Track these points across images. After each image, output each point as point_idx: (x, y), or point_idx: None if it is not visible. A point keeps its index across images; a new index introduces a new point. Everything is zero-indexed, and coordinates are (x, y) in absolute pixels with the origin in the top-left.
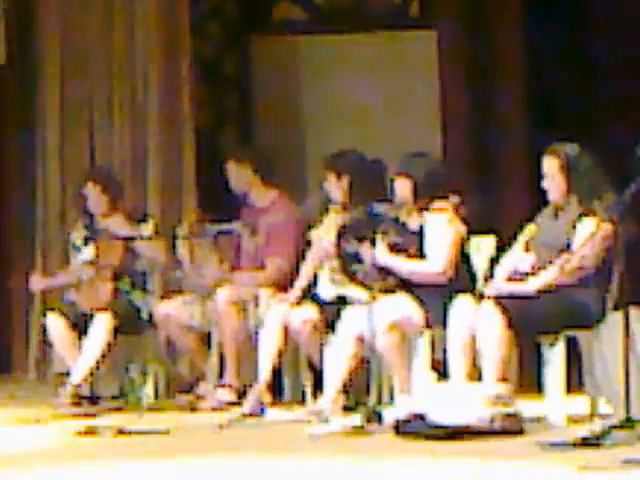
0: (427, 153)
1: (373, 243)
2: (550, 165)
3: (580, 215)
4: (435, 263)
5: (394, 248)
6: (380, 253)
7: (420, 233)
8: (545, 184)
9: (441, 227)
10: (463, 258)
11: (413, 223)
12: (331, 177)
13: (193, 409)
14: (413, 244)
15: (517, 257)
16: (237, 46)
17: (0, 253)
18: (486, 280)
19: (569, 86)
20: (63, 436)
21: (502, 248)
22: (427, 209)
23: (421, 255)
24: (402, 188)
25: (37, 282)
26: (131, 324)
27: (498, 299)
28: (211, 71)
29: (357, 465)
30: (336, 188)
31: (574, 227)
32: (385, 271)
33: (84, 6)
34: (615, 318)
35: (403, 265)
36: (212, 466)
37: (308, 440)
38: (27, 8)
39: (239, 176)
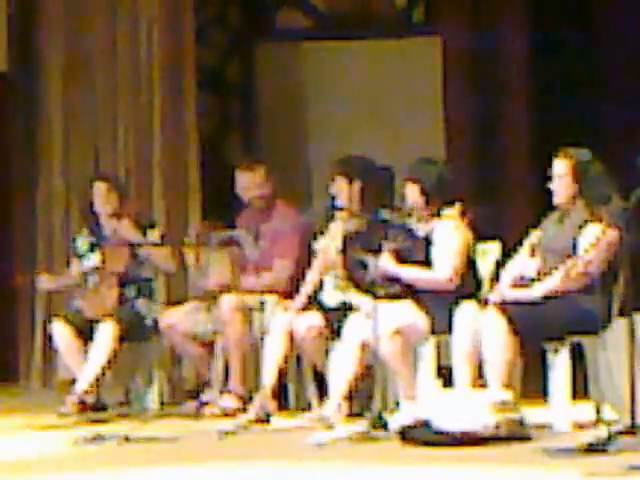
0: (437, 159)
1: (380, 251)
2: (560, 166)
3: (586, 221)
4: (442, 270)
5: (401, 255)
6: (386, 262)
7: (428, 239)
8: (552, 185)
9: (449, 234)
10: (469, 264)
11: (421, 229)
12: (341, 182)
13: (198, 416)
14: (421, 250)
15: (522, 263)
16: (241, 53)
17: (4, 260)
18: (491, 286)
19: (575, 91)
20: (68, 444)
21: (507, 254)
22: (436, 215)
23: (428, 261)
24: (412, 194)
25: (46, 281)
26: (136, 331)
27: (503, 305)
28: (215, 78)
29: (362, 472)
30: (345, 193)
31: (580, 233)
32: (391, 278)
33: (88, 13)
34: (620, 324)
35: (410, 273)
36: (217, 473)
37: (313, 447)
38: (30, 15)
39: (254, 182)
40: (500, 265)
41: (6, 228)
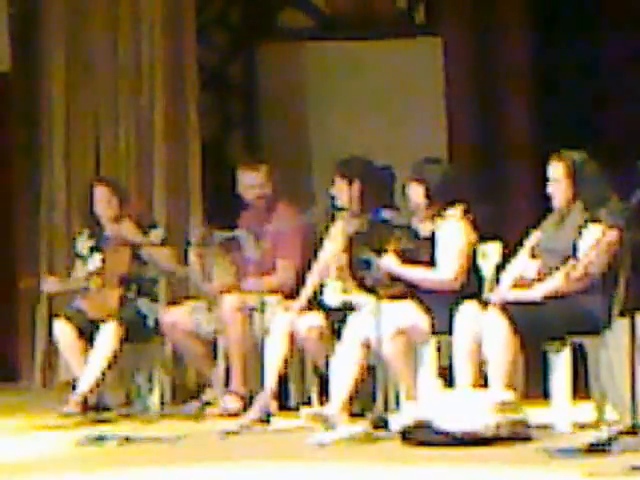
0: (441, 159)
1: (382, 251)
2: (556, 170)
3: (585, 222)
4: (446, 270)
5: (405, 254)
6: (389, 262)
7: (432, 239)
8: (550, 189)
9: (453, 234)
10: (470, 265)
11: (425, 229)
12: (341, 183)
13: (199, 417)
14: (425, 250)
15: (523, 264)
16: (242, 53)
17: (6, 260)
18: (492, 287)
19: (575, 92)
20: (70, 444)
21: (508, 255)
22: (440, 215)
23: (432, 261)
24: (415, 194)
25: (51, 284)
26: (138, 332)
27: (504, 306)
28: (216, 78)
29: (363, 472)
30: (346, 194)
31: (580, 234)
32: (393, 278)
33: (89, 13)
34: (621, 324)
35: (413, 273)
36: (218, 474)
37: (314, 447)
38: (32, 15)
39: (257, 181)
40: (501, 266)
41: (8, 228)
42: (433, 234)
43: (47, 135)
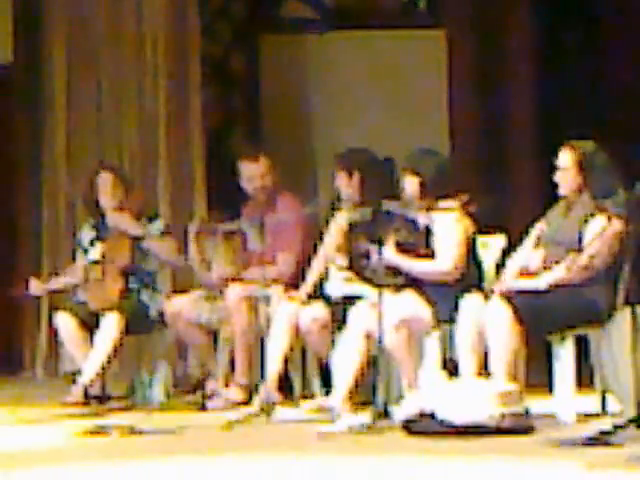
0: (436, 150)
1: (382, 242)
2: (565, 158)
3: (591, 212)
4: (444, 262)
5: (404, 246)
6: (388, 253)
7: (429, 230)
8: (557, 177)
9: (449, 225)
10: (472, 256)
11: (421, 220)
12: (342, 175)
13: (202, 408)
14: (423, 241)
15: (527, 254)
16: (245, 45)
17: (8, 256)
18: (495, 277)
19: (578, 85)
20: (72, 435)
21: (512, 245)
22: (435, 207)
23: (431, 252)
24: (410, 185)
25: (36, 287)
26: (140, 323)
27: (507, 296)
28: (220, 70)
29: (366, 463)
30: (347, 186)
31: (585, 225)
32: (394, 269)
33: (92, 4)
34: (624, 315)
35: (412, 265)
36: (221, 465)
37: (317, 438)
38: (34, 6)
39: (258, 172)
40: (505, 257)
41: (10, 222)
42: (430, 225)
43: (50, 127)
